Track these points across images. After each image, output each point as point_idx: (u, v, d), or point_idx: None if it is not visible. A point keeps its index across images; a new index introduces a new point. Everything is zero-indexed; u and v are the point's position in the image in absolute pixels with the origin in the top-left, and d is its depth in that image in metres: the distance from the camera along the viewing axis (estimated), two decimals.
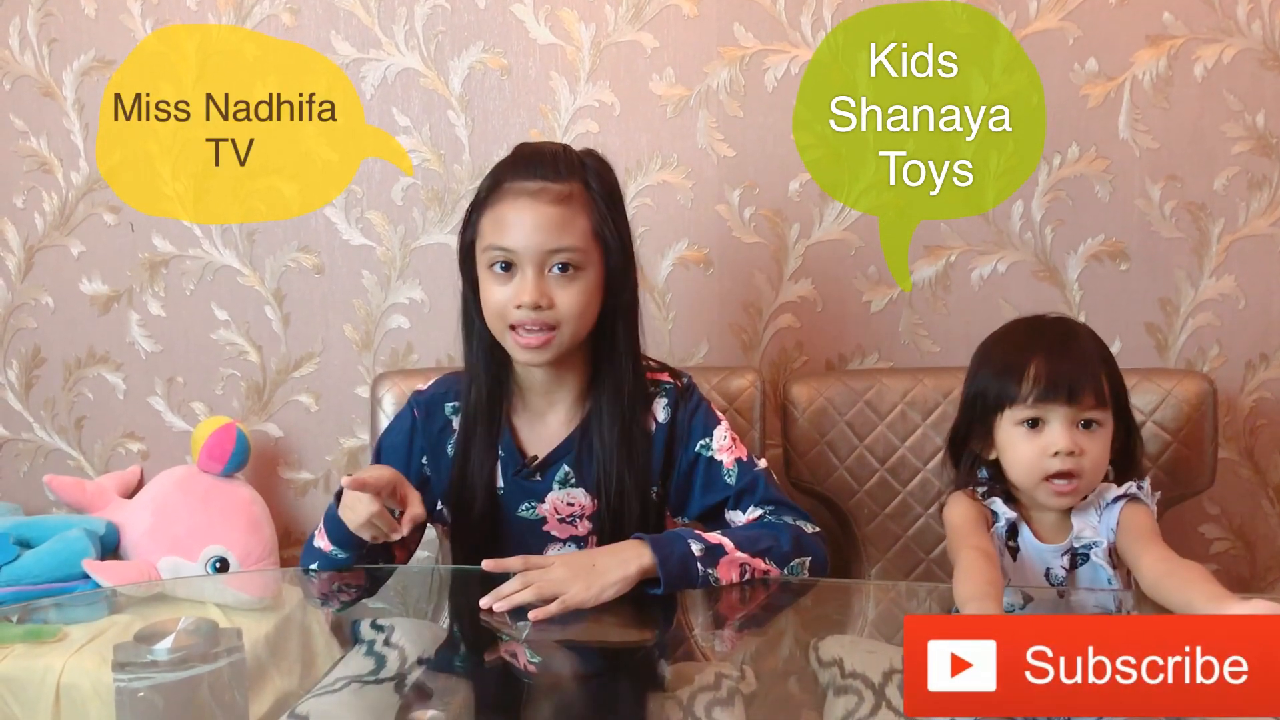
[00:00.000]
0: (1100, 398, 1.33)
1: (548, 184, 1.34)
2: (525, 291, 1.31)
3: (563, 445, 1.43)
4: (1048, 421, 1.33)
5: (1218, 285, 1.85)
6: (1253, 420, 1.88)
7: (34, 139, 2.00)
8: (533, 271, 1.32)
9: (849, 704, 1.41)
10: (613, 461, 1.39)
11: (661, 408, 1.45)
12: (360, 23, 1.89)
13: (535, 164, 1.36)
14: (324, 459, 2.03)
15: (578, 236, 1.34)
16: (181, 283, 2.00)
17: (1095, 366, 1.34)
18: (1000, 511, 1.40)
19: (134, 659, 1.02)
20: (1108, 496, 1.37)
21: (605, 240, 1.36)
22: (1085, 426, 1.33)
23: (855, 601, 1.50)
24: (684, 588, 1.31)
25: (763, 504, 1.43)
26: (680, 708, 1.24)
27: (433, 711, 1.15)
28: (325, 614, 1.46)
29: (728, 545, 1.34)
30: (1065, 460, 1.32)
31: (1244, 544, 1.92)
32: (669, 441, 1.44)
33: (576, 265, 1.34)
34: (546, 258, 1.32)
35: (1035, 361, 1.34)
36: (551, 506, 1.43)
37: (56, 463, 2.09)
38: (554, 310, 1.33)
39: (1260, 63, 1.79)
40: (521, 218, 1.32)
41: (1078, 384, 1.32)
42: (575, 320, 1.35)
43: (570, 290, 1.34)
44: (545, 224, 1.32)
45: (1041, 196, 1.84)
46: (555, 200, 1.33)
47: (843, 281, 1.89)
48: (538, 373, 1.41)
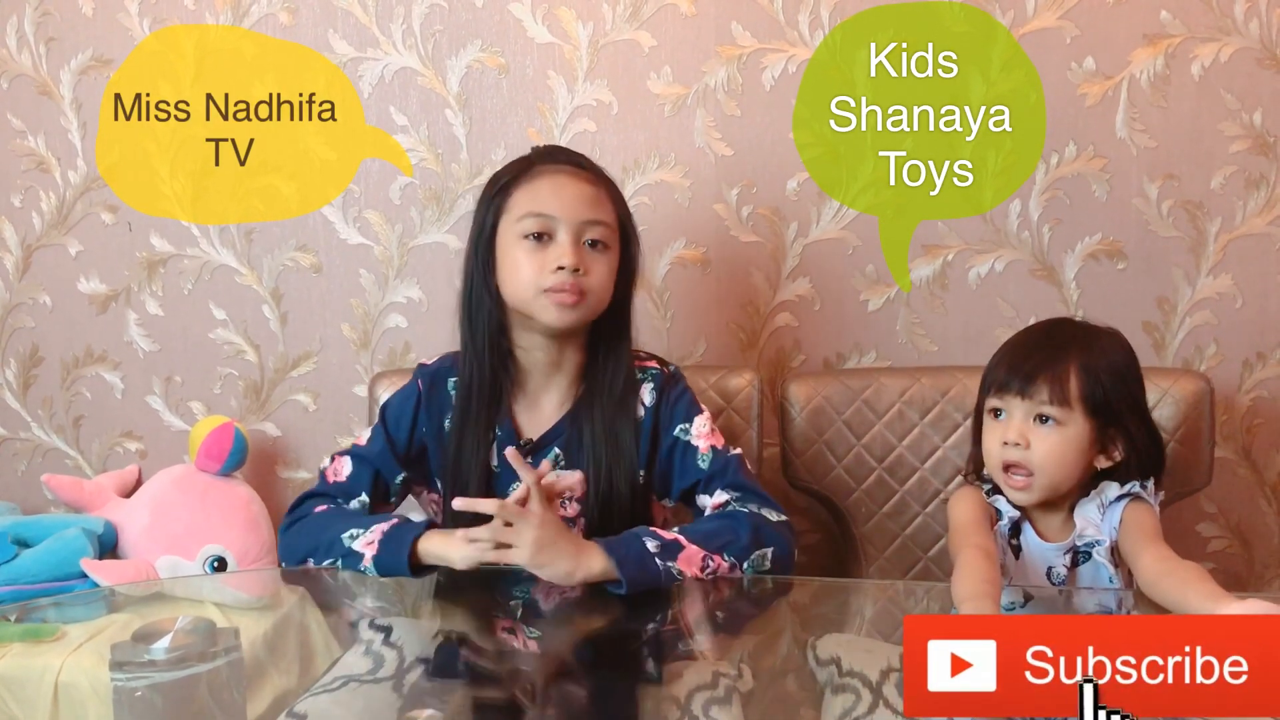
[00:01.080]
0: (1060, 396, 1.33)
1: (580, 168, 1.44)
2: (565, 255, 1.37)
3: (555, 428, 1.46)
4: (1008, 412, 1.36)
5: (1215, 284, 1.86)
6: (1250, 419, 1.89)
7: (32, 138, 1.99)
8: (570, 238, 1.38)
9: (846, 702, 1.41)
10: (602, 446, 1.43)
11: (648, 392, 1.48)
12: (358, 22, 1.89)
13: (565, 153, 1.47)
14: (322, 458, 2.02)
15: (609, 216, 1.43)
16: (179, 282, 2.00)
17: (1065, 366, 1.34)
18: (1004, 510, 1.40)
19: (132, 658, 1.02)
20: (1110, 494, 1.37)
21: (625, 230, 1.45)
22: (1040, 422, 1.34)
23: (853, 600, 1.50)
24: (647, 585, 1.32)
25: (730, 489, 1.45)
26: (678, 706, 1.24)
27: (430, 710, 1.15)
28: (324, 613, 1.46)
29: (683, 540, 1.35)
30: (1012, 451, 1.34)
31: (1241, 542, 1.93)
32: (654, 426, 1.47)
33: (606, 243, 1.42)
34: (584, 228, 1.40)
35: (1007, 356, 1.38)
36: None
37: (54, 462, 2.09)
38: (588, 278, 1.39)
39: (1257, 62, 1.79)
40: (561, 188, 1.40)
41: (1034, 378, 1.34)
42: (600, 295, 1.41)
43: (601, 264, 1.41)
44: (583, 197, 1.41)
45: (1039, 195, 1.85)
46: (589, 181, 1.43)
47: (841, 280, 1.90)
48: (539, 355, 1.45)
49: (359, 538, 1.39)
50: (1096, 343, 1.38)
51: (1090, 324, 1.44)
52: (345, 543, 1.39)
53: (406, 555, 1.34)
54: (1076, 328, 1.42)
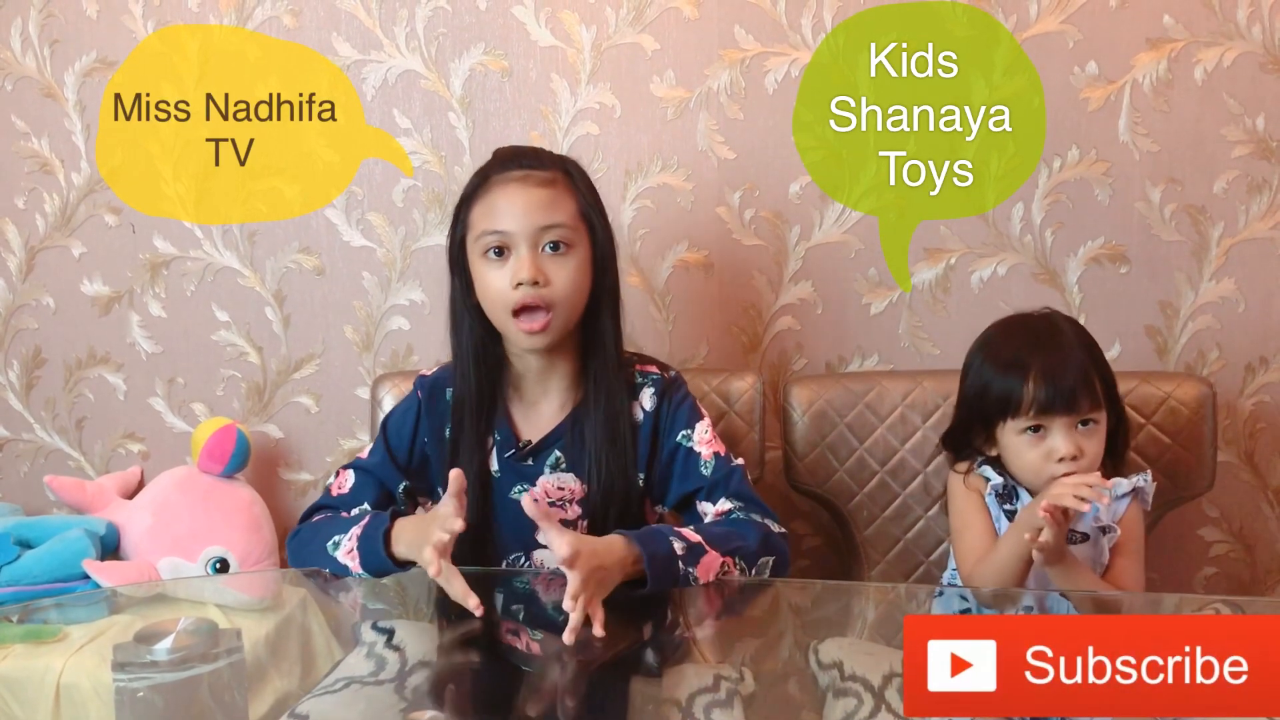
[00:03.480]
0: (1095, 399, 1.40)
1: (532, 171, 1.41)
2: (522, 269, 1.36)
3: (555, 431, 1.46)
4: (1049, 429, 1.38)
5: (1218, 288, 1.85)
6: (1252, 424, 1.88)
7: (35, 140, 2.00)
8: (527, 250, 1.37)
9: (848, 706, 1.41)
10: (601, 448, 1.43)
11: (648, 397, 1.48)
12: (361, 24, 1.89)
13: (518, 157, 1.43)
14: (324, 460, 2.03)
15: (566, 215, 1.40)
16: (182, 284, 2.00)
17: (1088, 369, 1.40)
18: (990, 477, 1.46)
19: (134, 659, 1.02)
20: (1121, 488, 1.43)
21: (591, 221, 1.42)
22: (1083, 425, 1.39)
23: (855, 603, 1.50)
24: (667, 587, 1.32)
25: (733, 498, 1.45)
26: (679, 709, 1.23)
27: (432, 712, 1.15)
28: (326, 615, 1.46)
29: (705, 544, 1.34)
30: (1069, 464, 1.38)
31: (1244, 547, 1.92)
32: (654, 430, 1.47)
33: (567, 243, 1.39)
34: (539, 235, 1.38)
35: (1033, 374, 1.39)
36: (542, 490, 1.45)
37: (57, 463, 2.09)
38: (550, 288, 1.37)
39: (1260, 66, 1.79)
40: (512, 201, 1.38)
41: (1075, 393, 1.38)
42: (570, 298, 1.39)
43: (564, 267, 1.39)
44: (535, 204, 1.38)
45: (1041, 199, 1.85)
46: (542, 183, 1.40)
47: (843, 284, 1.89)
48: (532, 361, 1.45)
49: (340, 546, 1.39)
50: (1077, 332, 1.44)
51: (1049, 313, 1.48)
52: (330, 552, 1.39)
53: (384, 555, 1.34)
54: (1051, 322, 1.46)
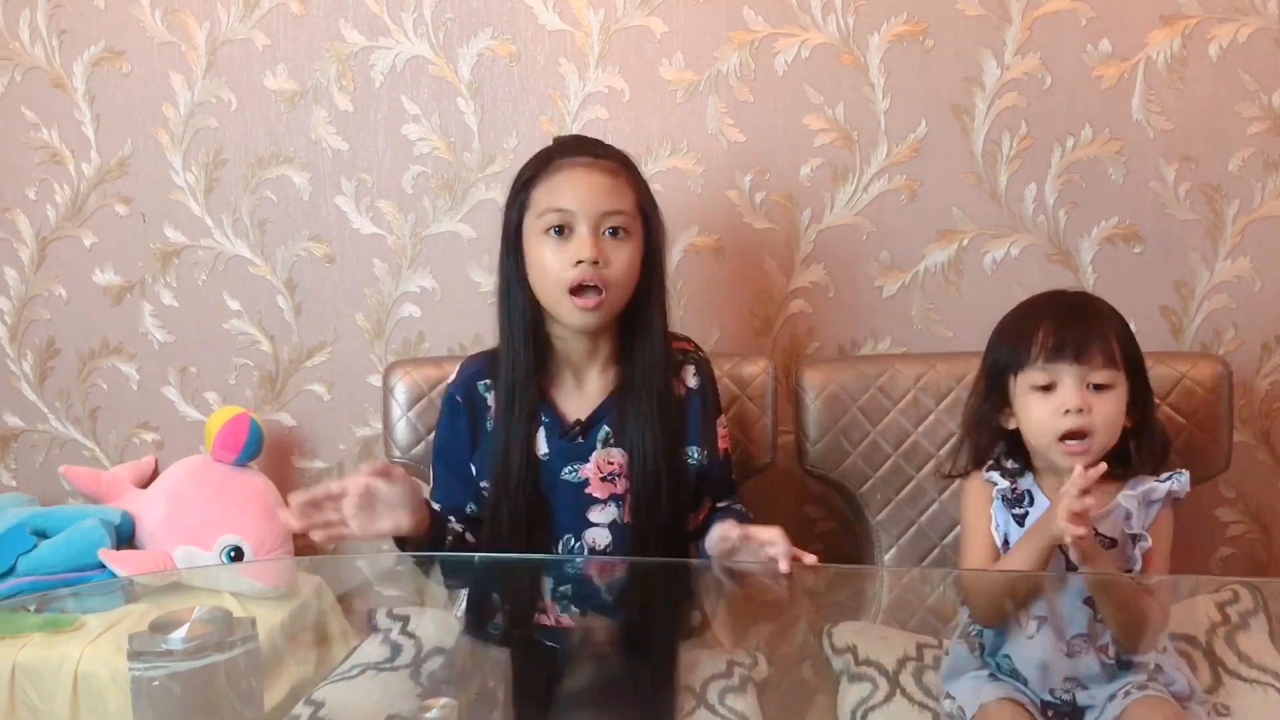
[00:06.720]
0: (1110, 359, 1.34)
1: (597, 158, 1.44)
2: (584, 248, 1.39)
3: (602, 407, 1.48)
4: (1059, 383, 1.34)
5: (1233, 267, 1.84)
6: (1269, 403, 1.87)
7: (45, 130, 2.00)
8: (588, 230, 1.40)
9: (863, 691, 1.41)
10: (646, 424, 1.45)
11: (691, 374, 1.52)
12: (369, 10, 1.89)
13: (583, 144, 1.47)
14: (337, 448, 2.03)
15: (627, 204, 1.43)
16: (193, 273, 2.01)
17: (1106, 330, 1.36)
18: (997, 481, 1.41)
19: (149, 648, 1.03)
20: (1157, 493, 1.38)
21: (647, 214, 1.46)
22: (1096, 389, 1.34)
23: (868, 588, 1.50)
24: None
25: (730, 493, 1.55)
26: (693, 695, 1.24)
27: (444, 699, 1.15)
28: (340, 602, 1.46)
29: None
30: (1076, 418, 1.32)
31: (1260, 527, 1.91)
32: (703, 406, 1.51)
33: (626, 230, 1.43)
34: (601, 219, 1.41)
35: (1044, 325, 1.36)
36: (595, 465, 1.46)
37: (72, 453, 2.10)
38: (609, 269, 1.40)
39: (1276, 42, 1.77)
40: (577, 182, 1.42)
41: (1085, 343, 1.34)
42: (622, 283, 1.42)
43: (622, 252, 1.42)
44: (600, 188, 1.42)
45: (1054, 179, 1.83)
46: (607, 171, 1.43)
47: (855, 266, 1.89)
48: (575, 343, 1.47)
49: None
50: (1108, 308, 1.40)
51: (1084, 292, 1.47)
52: None
53: None
54: (1082, 296, 1.44)
